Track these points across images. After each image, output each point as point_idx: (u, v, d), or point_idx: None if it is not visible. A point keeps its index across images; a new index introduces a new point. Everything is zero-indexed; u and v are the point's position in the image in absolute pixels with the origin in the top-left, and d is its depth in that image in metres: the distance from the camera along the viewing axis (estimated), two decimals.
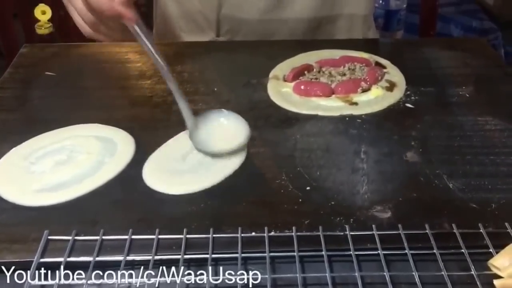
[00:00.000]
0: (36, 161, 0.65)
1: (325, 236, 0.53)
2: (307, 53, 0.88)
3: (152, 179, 0.62)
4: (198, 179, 0.61)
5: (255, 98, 0.79)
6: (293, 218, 0.56)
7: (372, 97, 0.77)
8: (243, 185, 0.61)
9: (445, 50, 0.94)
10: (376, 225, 0.54)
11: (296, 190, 0.60)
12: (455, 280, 0.49)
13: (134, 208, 0.58)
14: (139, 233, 0.54)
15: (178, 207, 0.59)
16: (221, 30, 0.99)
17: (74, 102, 0.78)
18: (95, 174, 0.62)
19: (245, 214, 0.57)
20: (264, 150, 0.67)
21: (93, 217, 0.57)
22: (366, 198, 0.59)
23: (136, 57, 0.89)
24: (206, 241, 0.53)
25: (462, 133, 0.71)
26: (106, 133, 0.69)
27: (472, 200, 0.59)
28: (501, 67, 0.88)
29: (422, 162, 0.65)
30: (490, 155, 0.66)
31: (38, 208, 0.58)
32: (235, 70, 0.86)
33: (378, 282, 0.49)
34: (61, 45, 0.96)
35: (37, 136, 0.69)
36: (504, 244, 0.51)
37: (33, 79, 0.83)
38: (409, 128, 0.71)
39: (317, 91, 0.77)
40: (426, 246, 0.52)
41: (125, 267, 0.50)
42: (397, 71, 0.84)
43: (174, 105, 0.76)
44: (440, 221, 0.55)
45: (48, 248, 0.53)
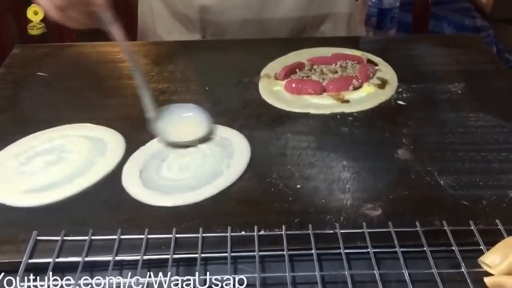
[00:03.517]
0: (26, 161, 0.64)
1: (315, 234, 0.53)
2: (299, 51, 0.88)
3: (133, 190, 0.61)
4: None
5: (246, 96, 0.78)
6: (283, 216, 0.56)
7: (364, 94, 0.77)
8: (233, 184, 0.61)
9: (437, 47, 0.94)
10: (367, 223, 0.54)
11: (286, 189, 0.60)
12: (445, 278, 0.49)
13: (123, 208, 0.58)
14: (128, 233, 0.53)
15: (167, 206, 0.58)
16: (206, 32, 0.98)
17: (65, 102, 0.78)
18: (85, 174, 0.62)
19: (235, 213, 0.57)
20: (255, 149, 0.66)
21: (83, 217, 0.57)
22: (356, 196, 0.59)
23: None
24: (195, 240, 0.52)
25: (453, 130, 0.70)
26: (97, 133, 0.69)
27: (463, 197, 0.59)
28: (494, 63, 0.88)
29: (413, 159, 0.65)
30: (482, 151, 0.66)
31: (27, 208, 0.58)
32: (226, 69, 0.86)
33: (368, 281, 0.49)
34: (53, 45, 0.95)
35: (28, 136, 0.69)
36: (495, 241, 0.51)
37: (24, 80, 0.83)
38: (401, 125, 0.71)
39: (309, 89, 0.77)
40: (417, 244, 0.52)
41: (114, 267, 0.50)
42: (389, 69, 0.83)
43: (165, 104, 0.76)
44: (430, 219, 0.55)
45: (37, 249, 0.52)
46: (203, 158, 0.65)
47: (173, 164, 0.64)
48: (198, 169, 0.63)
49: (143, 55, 0.90)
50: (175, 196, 0.59)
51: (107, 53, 0.92)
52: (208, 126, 0.68)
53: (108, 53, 0.91)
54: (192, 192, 0.59)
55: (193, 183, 0.61)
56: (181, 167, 0.63)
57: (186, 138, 0.67)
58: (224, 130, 0.69)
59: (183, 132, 0.67)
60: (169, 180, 0.61)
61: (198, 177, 0.62)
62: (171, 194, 0.59)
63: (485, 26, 1.70)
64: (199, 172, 0.62)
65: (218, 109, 0.75)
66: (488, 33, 1.68)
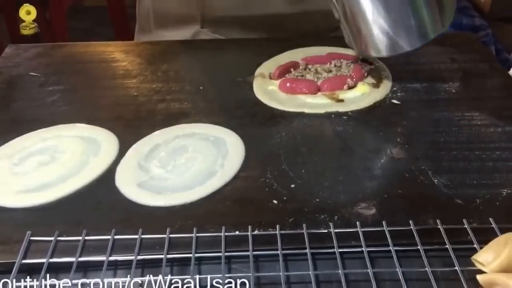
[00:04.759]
0: (19, 162, 0.64)
1: (309, 234, 0.53)
2: (293, 50, 0.88)
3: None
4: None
5: (241, 96, 0.78)
6: (277, 216, 0.56)
7: (358, 93, 0.77)
8: (227, 184, 0.61)
9: (432, 46, 0.94)
10: (361, 222, 0.54)
11: (280, 188, 0.60)
12: (439, 276, 0.49)
13: (117, 208, 0.58)
14: (122, 233, 0.53)
15: (161, 206, 0.58)
16: (205, 23, 0.97)
17: (58, 102, 0.77)
18: (79, 174, 0.62)
19: (228, 213, 0.57)
20: (249, 148, 0.66)
21: (77, 217, 0.56)
22: (350, 195, 0.59)
23: (121, 56, 0.89)
24: (189, 240, 0.52)
25: (448, 129, 0.70)
26: (90, 133, 0.69)
27: (457, 196, 0.59)
28: (488, 62, 0.88)
29: (407, 158, 0.65)
30: (476, 150, 0.66)
31: (21, 209, 0.58)
32: (221, 68, 0.86)
33: (362, 280, 0.49)
34: (45, 45, 0.95)
35: (21, 136, 0.68)
36: (488, 240, 0.51)
37: (17, 80, 0.83)
38: (395, 124, 0.71)
39: (303, 89, 0.77)
40: (411, 243, 0.52)
41: (108, 267, 0.50)
42: (383, 67, 0.84)
43: (158, 104, 0.76)
44: (424, 217, 0.55)
45: (30, 249, 0.52)
46: (197, 157, 0.64)
47: (167, 164, 0.63)
48: (192, 169, 0.63)
49: (137, 54, 0.90)
50: (169, 196, 0.59)
51: (100, 53, 0.91)
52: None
53: (101, 53, 0.91)
54: (186, 192, 0.59)
55: (187, 182, 0.60)
56: (175, 167, 0.63)
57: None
58: (218, 130, 0.69)
59: None
60: (163, 179, 0.61)
61: (192, 176, 0.61)
62: (165, 194, 0.59)
63: (483, 25, 1.71)
64: (193, 172, 0.62)
65: (212, 109, 0.75)
66: (487, 32, 1.69)
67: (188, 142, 0.67)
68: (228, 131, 0.69)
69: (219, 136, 0.68)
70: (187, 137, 0.68)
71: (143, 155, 0.65)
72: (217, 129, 0.69)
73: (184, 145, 0.67)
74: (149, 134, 0.68)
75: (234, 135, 0.68)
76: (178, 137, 0.68)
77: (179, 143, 0.67)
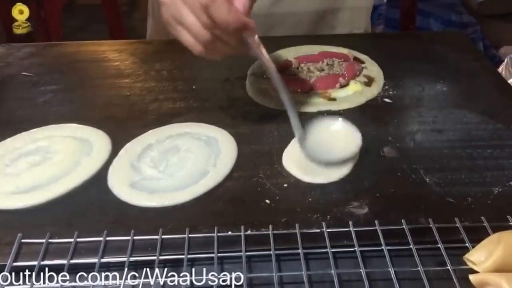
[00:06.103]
0: (10, 163, 0.64)
1: (302, 233, 0.53)
2: (286, 49, 0.88)
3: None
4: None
5: (234, 95, 0.78)
6: (270, 216, 0.56)
7: (350, 92, 0.77)
8: (220, 184, 0.61)
9: (423, 44, 0.94)
10: (353, 221, 0.54)
11: (273, 188, 0.60)
12: (431, 275, 0.49)
13: (109, 209, 0.58)
14: (114, 235, 0.53)
15: (153, 207, 0.58)
16: None
17: (51, 102, 0.77)
18: (71, 174, 0.61)
19: (221, 213, 0.57)
20: (241, 147, 0.66)
21: (68, 219, 0.56)
22: (343, 194, 0.59)
23: (114, 56, 0.89)
24: (182, 241, 0.52)
25: (439, 127, 0.71)
26: (82, 133, 0.68)
27: (448, 194, 0.59)
28: (479, 61, 0.88)
29: (399, 157, 0.65)
30: (467, 148, 0.66)
31: (12, 211, 0.57)
32: (214, 68, 0.85)
33: (354, 279, 0.49)
34: (38, 44, 0.94)
35: (12, 136, 0.68)
36: (480, 238, 0.51)
37: (9, 79, 0.82)
38: (387, 123, 0.71)
39: (296, 87, 0.77)
40: (403, 242, 0.52)
41: (100, 269, 0.49)
42: (375, 66, 0.84)
43: (151, 104, 0.76)
44: (416, 216, 0.55)
45: (21, 252, 0.52)
46: (190, 157, 0.64)
47: (159, 164, 0.63)
48: (185, 169, 0.62)
49: (130, 54, 0.90)
50: (162, 196, 0.59)
51: (93, 52, 0.91)
52: (359, 139, 0.64)
53: (93, 52, 0.91)
54: (179, 192, 0.59)
55: (179, 183, 0.60)
56: (167, 167, 0.63)
57: (338, 155, 0.63)
58: (210, 129, 0.69)
59: (334, 148, 0.64)
60: (155, 180, 0.61)
61: (184, 177, 0.61)
62: (157, 194, 0.59)
63: (471, 22, 1.72)
64: (186, 172, 0.62)
65: (205, 108, 0.75)
66: (475, 29, 1.70)
67: (181, 142, 0.67)
68: (220, 130, 0.69)
69: (212, 135, 0.68)
70: (180, 137, 0.68)
71: (136, 155, 0.65)
72: (210, 129, 0.69)
73: (176, 144, 0.67)
74: (142, 134, 0.68)
75: (226, 134, 0.68)
76: (170, 137, 0.68)
77: (172, 143, 0.67)
